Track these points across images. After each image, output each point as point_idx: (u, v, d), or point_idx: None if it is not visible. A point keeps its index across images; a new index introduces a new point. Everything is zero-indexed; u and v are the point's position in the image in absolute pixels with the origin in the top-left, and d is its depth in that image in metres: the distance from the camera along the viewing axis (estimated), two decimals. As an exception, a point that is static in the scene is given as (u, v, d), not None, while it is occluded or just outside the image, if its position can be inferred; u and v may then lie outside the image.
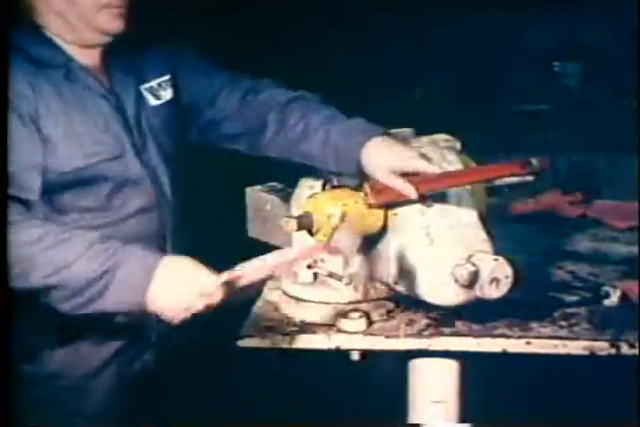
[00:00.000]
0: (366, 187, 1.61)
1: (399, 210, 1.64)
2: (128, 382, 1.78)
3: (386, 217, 1.64)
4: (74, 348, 1.70)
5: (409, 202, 1.60)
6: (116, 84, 1.69)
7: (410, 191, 1.57)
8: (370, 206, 1.61)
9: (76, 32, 1.65)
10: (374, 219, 1.64)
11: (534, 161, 1.46)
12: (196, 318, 1.89)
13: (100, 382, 1.74)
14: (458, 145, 1.76)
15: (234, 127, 1.79)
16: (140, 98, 1.71)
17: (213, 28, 3.14)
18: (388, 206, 1.63)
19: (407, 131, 1.78)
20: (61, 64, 1.63)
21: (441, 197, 1.63)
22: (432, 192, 1.59)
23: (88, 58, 1.67)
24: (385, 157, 1.60)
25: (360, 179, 1.64)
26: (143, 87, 1.73)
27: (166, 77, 1.77)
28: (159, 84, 1.76)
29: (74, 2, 1.62)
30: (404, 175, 1.58)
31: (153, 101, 1.74)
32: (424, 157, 1.60)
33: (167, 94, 1.76)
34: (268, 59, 3.12)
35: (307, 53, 3.69)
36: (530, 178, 1.85)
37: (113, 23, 1.64)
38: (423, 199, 1.59)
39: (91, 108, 1.63)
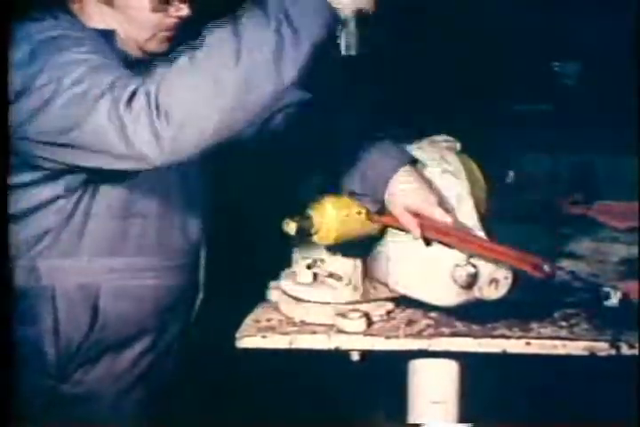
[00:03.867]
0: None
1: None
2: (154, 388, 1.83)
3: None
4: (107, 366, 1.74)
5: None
6: None
7: (416, 233, 1.57)
8: (370, 220, 1.63)
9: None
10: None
11: (547, 267, 1.47)
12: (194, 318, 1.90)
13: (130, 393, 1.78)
14: (458, 145, 1.76)
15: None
16: None
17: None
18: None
19: (407, 131, 1.78)
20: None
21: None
22: (435, 240, 1.58)
23: None
24: (407, 195, 1.59)
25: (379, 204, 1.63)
26: None
27: None
28: None
29: (132, 20, 1.62)
30: (417, 214, 1.58)
31: None
32: (443, 204, 1.60)
33: None
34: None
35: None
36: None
37: (160, 46, 1.66)
38: (425, 240, 1.59)
39: None
